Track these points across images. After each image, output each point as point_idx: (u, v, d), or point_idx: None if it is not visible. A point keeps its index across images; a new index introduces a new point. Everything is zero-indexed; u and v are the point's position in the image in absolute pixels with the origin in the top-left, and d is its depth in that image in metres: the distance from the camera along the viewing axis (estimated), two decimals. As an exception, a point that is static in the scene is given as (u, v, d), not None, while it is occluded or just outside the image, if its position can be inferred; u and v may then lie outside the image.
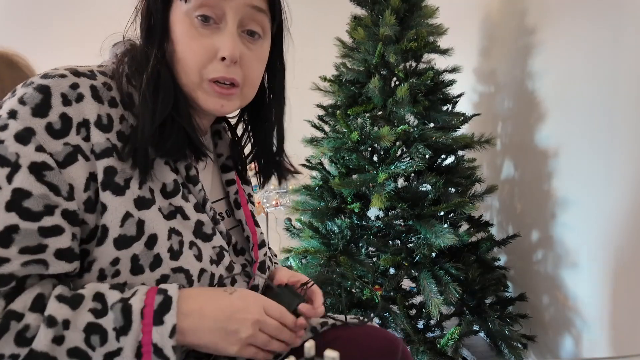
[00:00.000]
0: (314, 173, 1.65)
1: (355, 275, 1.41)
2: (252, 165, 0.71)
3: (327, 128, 1.67)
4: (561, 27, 1.46)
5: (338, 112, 1.48)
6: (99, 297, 0.46)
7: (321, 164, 1.63)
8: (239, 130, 0.71)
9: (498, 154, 1.89)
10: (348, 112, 1.51)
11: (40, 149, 0.44)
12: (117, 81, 0.52)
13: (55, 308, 0.43)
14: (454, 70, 1.61)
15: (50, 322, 0.43)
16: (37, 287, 0.45)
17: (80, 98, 0.47)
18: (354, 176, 1.48)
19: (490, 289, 1.49)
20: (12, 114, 0.44)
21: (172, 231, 0.52)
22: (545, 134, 1.56)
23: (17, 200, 0.43)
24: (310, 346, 0.38)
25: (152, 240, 0.50)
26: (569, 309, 1.45)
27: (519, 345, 1.41)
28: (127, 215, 0.48)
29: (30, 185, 0.43)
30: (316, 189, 1.59)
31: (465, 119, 1.55)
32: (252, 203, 0.73)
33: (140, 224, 0.49)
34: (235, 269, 0.60)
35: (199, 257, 0.54)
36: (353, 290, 1.43)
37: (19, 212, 0.43)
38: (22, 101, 0.45)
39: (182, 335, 0.48)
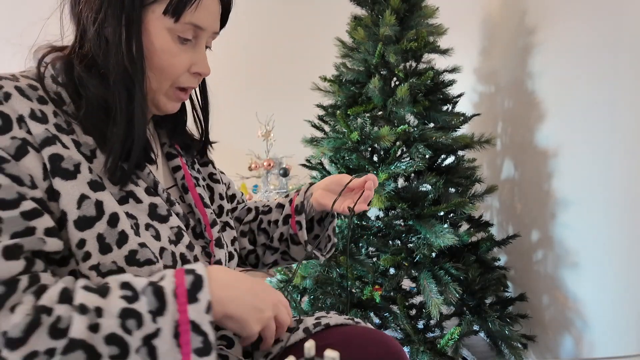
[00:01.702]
0: (314, 173, 1.65)
1: (355, 275, 1.41)
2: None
3: (327, 128, 1.67)
4: (561, 27, 1.46)
5: (338, 112, 1.48)
6: (126, 285, 0.47)
7: (321, 164, 1.64)
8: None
9: (498, 154, 1.89)
10: (348, 112, 1.51)
11: None
12: (41, 82, 0.52)
13: (84, 296, 0.44)
14: (454, 70, 1.61)
15: (83, 309, 0.43)
16: (61, 282, 0.45)
17: (7, 97, 0.48)
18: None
19: (490, 289, 1.49)
20: None
21: (127, 215, 0.53)
22: (545, 134, 1.56)
23: None
24: (310, 346, 0.38)
25: (114, 218, 0.51)
26: (569, 309, 1.45)
27: (519, 345, 1.41)
28: (83, 197, 0.50)
29: None
30: (316, 189, 1.59)
31: (465, 119, 1.55)
32: (217, 181, 0.76)
33: (99, 204, 0.51)
34: (196, 250, 0.62)
35: (157, 237, 0.56)
36: (353, 290, 1.43)
37: None
38: None
39: (221, 305, 0.49)
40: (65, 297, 0.44)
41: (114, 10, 0.52)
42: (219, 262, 0.65)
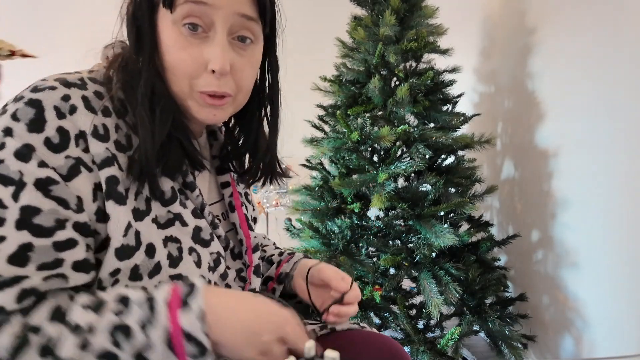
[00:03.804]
0: (314, 173, 1.65)
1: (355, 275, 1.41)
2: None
3: (327, 128, 1.67)
4: (561, 27, 1.46)
5: (338, 112, 1.48)
6: (121, 298, 0.45)
7: (321, 164, 1.63)
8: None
9: (498, 154, 1.89)
10: (348, 112, 1.51)
11: (42, 164, 0.43)
12: (108, 87, 0.50)
13: (79, 315, 0.43)
14: (454, 70, 1.61)
15: (75, 328, 0.42)
16: (52, 300, 0.44)
17: (73, 110, 0.46)
18: (354, 176, 1.48)
19: (490, 289, 1.49)
20: (8, 132, 0.43)
21: (169, 239, 0.51)
22: (545, 134, 1.56)
23: (28, 218, 0.42)
24: (310, 346, 0.38)
25: (151, 249, 0.49)
26: (569, 309, 1.45)
27: (519, 345, 1.41)
28: (129, 226, 0.48)
29: (38, 202, 0.43)
30: (316, 189, 1.59)
31: (465, 119, 1.55)
32: (250, 202, 0.73)
33: (137, 234, 0.48)
34: (229, 276, 0.59)
35: (198, 264, 0.53)
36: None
37: (31, 230, 0.42)
38: (15, 117, 0.44)
39: (215, 316, 0.45)
40: (58, 315, 0.42)
41: (130, 18, 0.52)
42: (252, 291, 0.63)
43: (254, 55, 0.56)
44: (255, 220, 0.83)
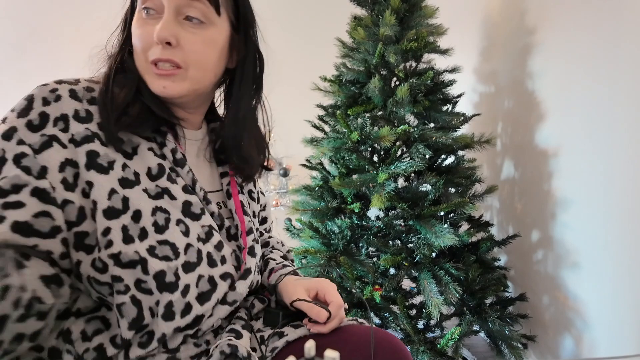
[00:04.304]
0: (314, 173, 1.65)
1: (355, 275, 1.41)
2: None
3: (327, 128, 1.67)
4: (561, 27, 1.46)
5: (338, 112, 1.48)
6: None
7: (321, 164, 1.64)
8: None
9: (498, 154, 1.89)
10: (348, 112, 1.51)
11: (20, 142, 0.51)
12: (106, 84, 0.58)
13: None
14: (454, 70, 1.61)
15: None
16: None
17: (58, 98, 0.54)
18: (354, 176, 1.49)
19: (490, 289, 1.49)
20: (3, 120, 0.53)
21: (158, 209, 0.57)
22: (545, 134, 1.56)
23: None
24: (310, 346, 0.38)
25: (137, 215, 0.55)
26: (569, 309, 1.45)
27: (519, 345, 1.41)
28: (113, 191, 0.54)
29: (8, 171, 0.50)
30: (316, 189, 1.59)
31: (465, 119, 1.55)
32: (254, 199, 0.78)
33: (125, 200, 0.55)
34: (225, 249, 0.63)
35: (186, 233, 0.58)
36: (353, 291, 1.43)
37: None
38: (12, 109, 0.54)
39: None
40: None
41: (123, 21, 0.64)
42: (248, 270, 0.66)
43: (207, 34, 0.61)
44: (264, 219, 0.87)
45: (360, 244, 1.51)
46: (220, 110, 0.76)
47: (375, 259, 1.51)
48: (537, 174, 1.61)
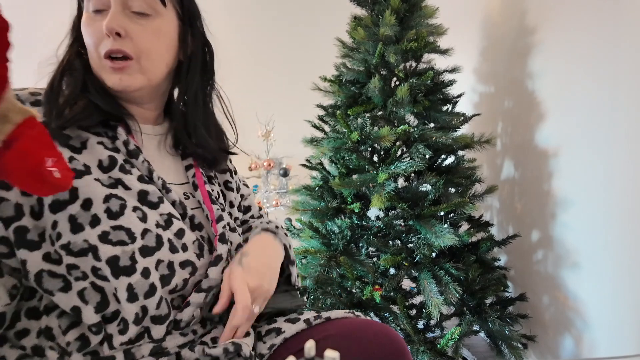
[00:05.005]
0: (314, 173, 1.65)
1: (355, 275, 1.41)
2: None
3: (327, 128, 1.67)
4: (561, 27, 1.46)
5: (338, 112, 1.48)
6: None
7: (321, 164, 1.63)
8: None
9: (498, 154, 1.89)
10: (348, 112, 1.51)
11: None
12: (50, 87, 0.59)
13: None
14: (454, 70, 1.61)
15: None
16: None
17: None
18: (354, 176, 1.49)
19: (490, 289, 1.49)
20: None
21: (113, 196, 0.57)
22: (545, 134, 1.56)
23: None
24: (310, 346, 0.38)
25: (87, 203, 0.55)
26: (569, 309, 1.45)
27: (519, 345, 1.41)
28: None
29: None
30: (316, 189, 1.59)
31: (465, 119, 1.55)
32: (231, 189, 0.79)
33: (74, 190, 0.55)
34: (186, 237, 0.63)
35: (143, 219, 0.58)
36: (353, 291, 1.43)
37: None
38: None
39: None
40: None
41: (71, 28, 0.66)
42: (219, 257, 0.66)
43: (155, 25, 0.63)
44: (248, 208, 0.88)
45: (360, 244, 1.51)
46: None
47: (375, 259, 1.51)
48: (537, 174, 1.61)
